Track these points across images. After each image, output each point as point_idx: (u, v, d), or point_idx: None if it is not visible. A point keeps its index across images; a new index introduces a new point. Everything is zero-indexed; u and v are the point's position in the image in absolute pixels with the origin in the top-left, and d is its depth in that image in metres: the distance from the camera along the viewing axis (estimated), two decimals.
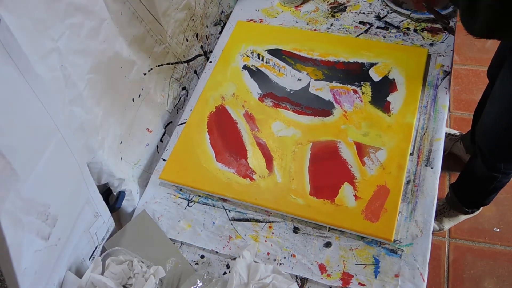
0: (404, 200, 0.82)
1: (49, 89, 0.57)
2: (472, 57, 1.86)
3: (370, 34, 1.07)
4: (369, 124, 0.90)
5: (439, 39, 1.03)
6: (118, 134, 0.79)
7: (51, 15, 0.57)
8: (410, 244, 0.77)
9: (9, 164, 0.53)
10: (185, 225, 0.84)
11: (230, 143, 0.92)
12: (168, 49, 0.92)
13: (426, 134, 0.89)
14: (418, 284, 0.73)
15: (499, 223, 1.48)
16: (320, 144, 0.89)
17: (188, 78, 1.06)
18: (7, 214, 0.54)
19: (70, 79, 0.62)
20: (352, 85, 0.97)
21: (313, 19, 1.13)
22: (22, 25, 0.52)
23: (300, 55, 1.04)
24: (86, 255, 0.76)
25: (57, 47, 0.59)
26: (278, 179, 0.86)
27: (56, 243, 0.65)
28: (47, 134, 0.59)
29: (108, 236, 0.82)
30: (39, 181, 0.59)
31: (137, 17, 0.79)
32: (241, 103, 0.97)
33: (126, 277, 0.72)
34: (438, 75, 0.97)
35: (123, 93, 0.79)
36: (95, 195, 0.74)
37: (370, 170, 0.84)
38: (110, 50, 0.70)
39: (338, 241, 0.79)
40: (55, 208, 0.63)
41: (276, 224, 0.83)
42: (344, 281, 0.75)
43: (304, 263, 0.78)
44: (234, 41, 1.09)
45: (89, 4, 0.64)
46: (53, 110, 0.59)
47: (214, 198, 0.87)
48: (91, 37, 0.65)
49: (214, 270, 0.79)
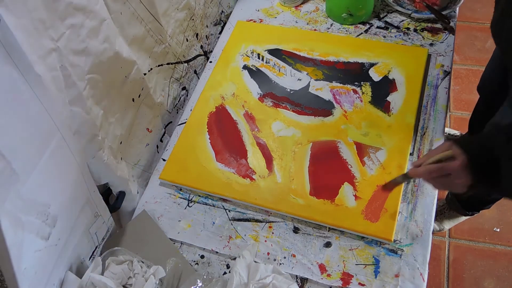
0: (404, 200, 0.82)
1: (49, 89, 0.57)
2: (472, 57, 1.86)
3: (370, 34, 1.07)
4: (369, 124, 0.90)
5: (439, 39, 1.03)
6: (118, 134, 0.79)
7: (51, 15, 0.57)
8: (410, 244, 0.77)
9: (9, 164, 0.53)
10: (185, 225, 0.84)
11: (230, 143, 0.92)
12: (168, 49, 0.92)
13: (426, 134, 0.89)
14: (418, 284, 0.73)
15: (499, 223, 1.48)
16: (320, 144, 0.89)
17: (188, 78, 1.06)
18: (7, 214, 0.54)
19: (70, 79, 0.62)
20: (352, 85, 0.97)
21: (313, 19, 1.13)
22: (22, 25, 0.52)
23: (300, 55, 1.04)
24: (86, 255, 0.76)
25: (57, 47, 0.59)
26: (278, 179, 0.86)
27: (56, 243, 0.65)
28: (47, 134, 0.59)
29: (108, 236, 0.82)
30: (39, 181, 0.59)
31: (137, 17, 0.79)
32: (241, 103, 0.97)
33: (126, 277, 0.72)
34: (438, 75, 0.97)
35: (123, 93, 0.79)
36: (95, 195, 0.74)
37: (370, 170, 0.84)
38: (110, 50, 0.70)
39: (338, 241, 0.79)
40: (55, 208, 0.63)
41: (276, 224, 0.83)
42: (344, 281, 0.75)
43: (304, 263, 0.78)
44: (234, 41, 1.09)
45: (89, 4, 0.64)
46: (53, 110, 0.59)
47: (214, 198, 0.87)
48: (91, 37, 0.65)
49: (214, 270, 0.79)
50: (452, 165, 0.64)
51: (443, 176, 0.66)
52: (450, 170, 0.64)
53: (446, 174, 0.65)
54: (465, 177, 0.63)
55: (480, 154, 0.62)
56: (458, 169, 0.63)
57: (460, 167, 0.62)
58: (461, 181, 0.63)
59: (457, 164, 0.63)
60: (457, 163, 0.63)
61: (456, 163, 0.63)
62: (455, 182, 0.64)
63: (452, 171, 0.64)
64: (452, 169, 0.64)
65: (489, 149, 0.61)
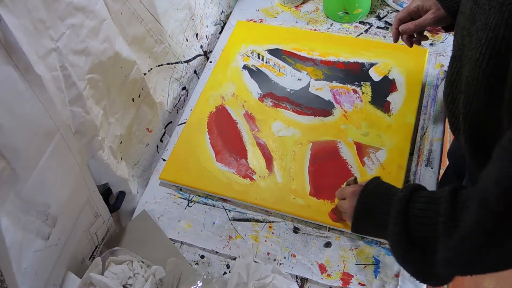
0: None
1: (49, 89, 0.57)
2: None
3: (370, 34, 1.07)
4: (369, 124, 0.90)
5: (439, 39, 1.03)
6: (118, 134, 0.79)
7: (51, 15, 0.57)
8: None
9: (9, 164, 0.53)
10: (185, 225, 0.84)
11: (230, 143, 0.92)
12: (168, 49, 0.92)
13: (426, 134, 0.89)
14: (418, 284, 0.73)
15: None
16: (320, 144, 0.89)
17: (188, 78, 1.06)
18: (7, 214, 0.54)
19: (70, 79, 0.62)
20: (352, 85, 0.97)
21: (313, 19, 1.13)
22: (22, 25, 0.52)
23: (300, 55, 1.04)
24: (86, 255, 0.76)
25: (57, 47, 0.59)
26: (278, 179, 0.86)
27: (56, 243, 0.65)
28: (47, 134, 0.59)
29: (108, 236, 0.82)
30: (39, 181, 0.59)
31: (137, 17, 0.79)
32: (241, 103, 0.97)
33: (126, 277, 0.72)
34: (438, 75, 0.97)
35: (123, 93, 0.79)
36: (95, 195, 0.74)
37: (370, 170, 0.84)
38: (110, 50, 0.70)
39: (338, 241, 0.79)
40: (55, 208, 0.63)
41: (276, 224, 0.83)
42: (344, 281, 0.75)
43: (304, 263, 0.78)
44: (234, 41, 1.09)
45: (89, 4, 0.64)
46: (53, 110, 0.59)
47: (214, 198, 0.87)
48: (91, 37, 0.65)
49: (214, 270, 0.79)
50: (347, 188, 0.70)
51: (342, 199, 0.71)
52: (345, 193, 0.70)
53: (343, 197, 0.71)
54: (351, 204, 0.66)
55: (372, 191, 0.64)
56: (349, 194, 0.68)
57: (350, 192, 0.68)
58: (347, 207, 0.67)
59: (351, 189, 0.69)
60: (352, 188, 0.69)
61: (351, 188, 0.69)
62: (344, 207, 0.69)
63: (346, 194, 0.70)
64: (347, 192, 0.70)
65: (381, 192, 0.63)
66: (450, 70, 0.66)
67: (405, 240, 0.55)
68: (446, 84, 0.69)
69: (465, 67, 0.58)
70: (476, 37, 0.53)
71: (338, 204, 0.74)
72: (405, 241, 0.55)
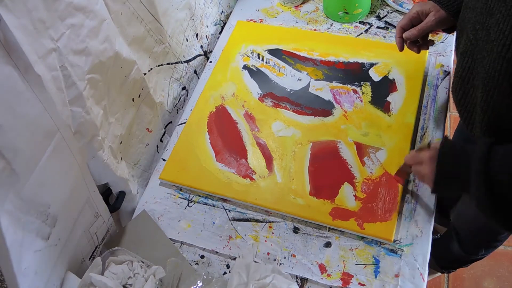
0: (404, 200, 0.82)
1: (49, 89, 0.57)
2: None
3: (370, 34, 1.07)
4: (369, 124, 0.90)
5: (439, 39, 1.03)
6: (118, 134, 0.79)
7: (51, 15, 0.57)
8: (410, 244, 0.77)
9: (9, 164, 0.53)
10: (185, 225, 0.84)
11: (230, 143, 0.92)
12: (168, 49, 0.92)
13: (426, 134, 0.89)
14: (418, 284, 0.73)
15: None
16: (320, 144, 0.89)
17: (188, 78, 1.06)
18: (7, 214, 0.54)
19: (70, 79, 0.62)
20: (352, 85, 0.97)
21: (313, 19, 1.13)
22: (22, 25, 0.52)
23: (300, 55, 1.04)
24: (86, 255, 0.76)
25: (57, 47, 0.59)
26: (278, 179, 0.86)
27: (56, 243, 0.65)
28: (47, 134, 0.59)
29: (108, 236, 0.82)
30: (39, 181, 0.59)
31: (137, 17, 0.79)
32: (241, 103, 0.97)
33: (126, 277, 0.72)
34: (438, 75, 0.97)
35: (123, 93, 0.79)
36: (95, 195, 0.74)
37: (370, 170, 0.84)
38: (110, 50, 0.70)
39: (338, 241, 0.79)
40: (55, 208, 0.63)
41: (276, 224, 0.83)
42: (344, 281, 0.75)
43: (304, 263, 0.78)
44: (234, 41, 1.09)
45: (89, 4, 0.64)
46: (53, 110, 0.59)
47: (214, 198, 0.87)
48: (91, 37, 0.65)
49: (214, 270, 0.79)
50: (423, 153, 0.69)
51: (418, 164, 0.71)
52: (421, 158, 0.70)
53: (420, 162, 0.70)
54: (430, 169, 0.66)
55: (449, 153, 0.65)
56: (426, 159, 0.68)
57: (428, 157, 0.67)
58: (427, 172, 0.67)
59: (427, 153, 0.68)
60: (428, 153, 0.68)
61: (427, 152, 0.68)
62: (423, 172, 0.69)
63: (422, 159, 0.69)
64: (423, 157, 0.69)
65: (458, 152, 0.64)
66: (461, 65, 0.67)
67: (490, 192, 0.57)
68: (456, 79, 0.70)
69: (483, 61, 0.59)
70: (496, 29, 0.54)
71: (412, 168, 0.74)
72: (490, 194, 0.57)
